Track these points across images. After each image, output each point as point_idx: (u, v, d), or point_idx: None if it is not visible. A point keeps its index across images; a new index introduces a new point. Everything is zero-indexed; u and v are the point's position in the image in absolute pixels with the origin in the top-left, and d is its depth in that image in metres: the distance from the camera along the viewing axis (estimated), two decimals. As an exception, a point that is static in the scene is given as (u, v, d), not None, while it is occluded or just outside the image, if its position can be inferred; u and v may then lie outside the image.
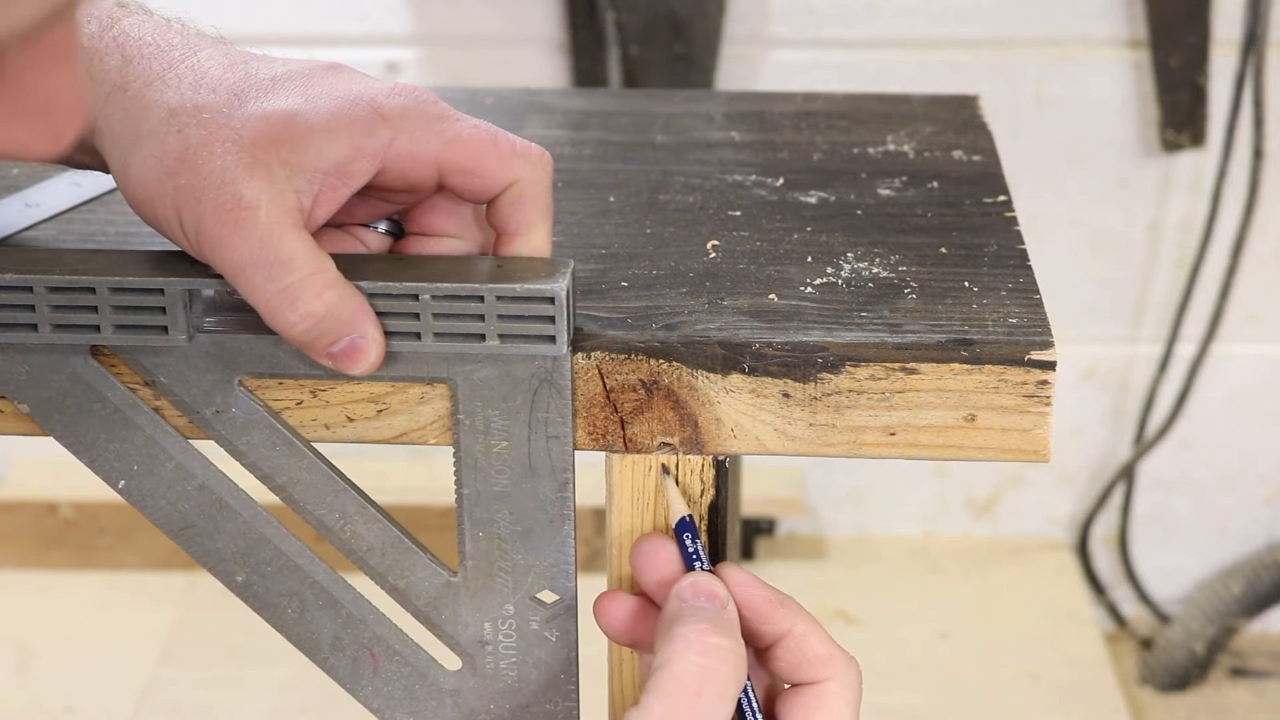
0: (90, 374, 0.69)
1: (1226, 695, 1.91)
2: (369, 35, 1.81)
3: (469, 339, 0.66)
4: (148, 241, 0.77)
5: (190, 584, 1.93)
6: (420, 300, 0.66)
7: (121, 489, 0.71)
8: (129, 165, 0.66)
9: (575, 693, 0.72)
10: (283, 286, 0.63)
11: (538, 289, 0.65)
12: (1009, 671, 1.83)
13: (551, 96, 1.02)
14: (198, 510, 0.71)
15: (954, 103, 0.99)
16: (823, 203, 0.83)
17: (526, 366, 0.67)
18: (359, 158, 0.65)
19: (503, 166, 0.67)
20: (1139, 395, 1.93)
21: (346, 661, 0.72)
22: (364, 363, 0.66)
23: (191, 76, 0.66)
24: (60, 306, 0.67)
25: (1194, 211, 1.85)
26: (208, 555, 0.72)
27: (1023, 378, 0.67)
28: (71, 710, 1.75)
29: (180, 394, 0.69)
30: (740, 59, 1.80)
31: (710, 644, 0.62)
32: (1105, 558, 2.02)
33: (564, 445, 0.68)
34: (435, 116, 0.67)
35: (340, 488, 0.70)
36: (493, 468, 0.69)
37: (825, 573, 1.98)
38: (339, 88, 0.67)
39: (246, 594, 0.72)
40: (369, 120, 0.65)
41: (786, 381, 0.68)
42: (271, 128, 0.64)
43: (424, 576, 0.71)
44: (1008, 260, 0.76)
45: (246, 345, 0.68)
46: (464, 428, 0.68)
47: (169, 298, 0.66)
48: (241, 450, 0.70)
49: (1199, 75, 1.76)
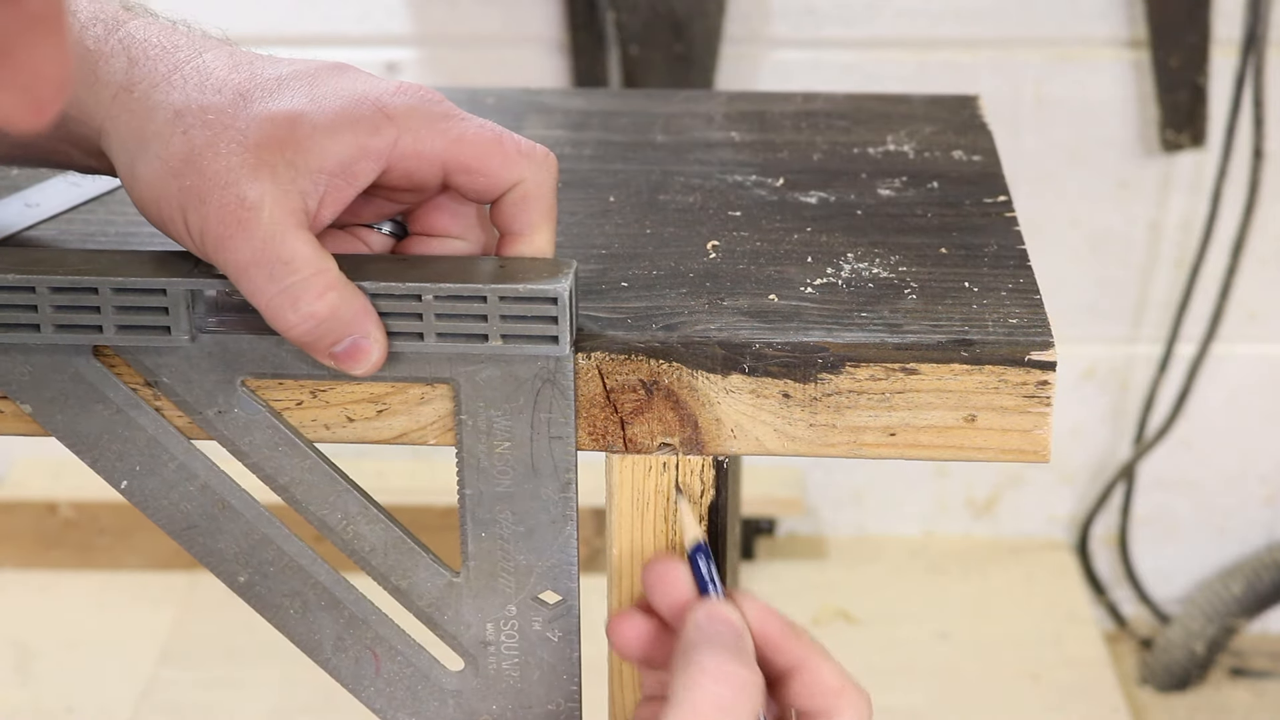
0: (92, 374, 0.69)
1: (1226, 695, 1.91)
2: (369, 35, 1.81)
3: (472, 339, 0.66)
4: (148, 241, 0.77)
5: (190, 584, 1.93)
6: (423, 300, 0.66)
7: (124, 489, 0.71)
8: (135, 167, 0.66)
9: (578, 693, 0.72)
10: (284, 287, 0.63)
11: (541, 289, 0.65)
12: (1009, 671, 1.83)
13: (551, 96, 1.02)
14: (200, 511, 0.71)
15: (954, 103, 0.99)
16: (823, 203, 0.83)
17: (529, 367, 0.67)
18: (364, 157, 0.65)
19: (507, 166, 0.67)
20: (1139, 395, 1.93)
21: (349, 662, 0.72)
22: (366, 363, 0.66)
23: (197, 78, 0.66)
24: (63, 307, 0.67)
25: (1194, 211, 1.85)
26: (210, 556, 0.72)
27: (1023, 378, 0.67)
28: (71, 710, 1.75)
29: (183, 394, 0.69)
30: (740, 59, 1.80)
31: (728, 673, 0.62)
32: (1105, 558, 2.02)
33: (567, 445, 0.68)
34: (440, 115, 0.67)
35: (343, 488, 0.70)
36: (495, 468, 0.69)
37: (825, 573, 1.98)
38: (344, 87, 0.67)
39: (249, 594, 0.72)
40: (374, 120, 0.65)
41: (787, 382, 0.68)
42: (276, 129, 0.64)
43: (426, 577, 0.71)
44: (1008, 260, 0.76)
45: (249, 345, 0.68)
46: (466, 428, 0.68)
47: (172, 298, 0.66)
48: (244, 450, 0.70)
49: (1199, 75, 1.76)
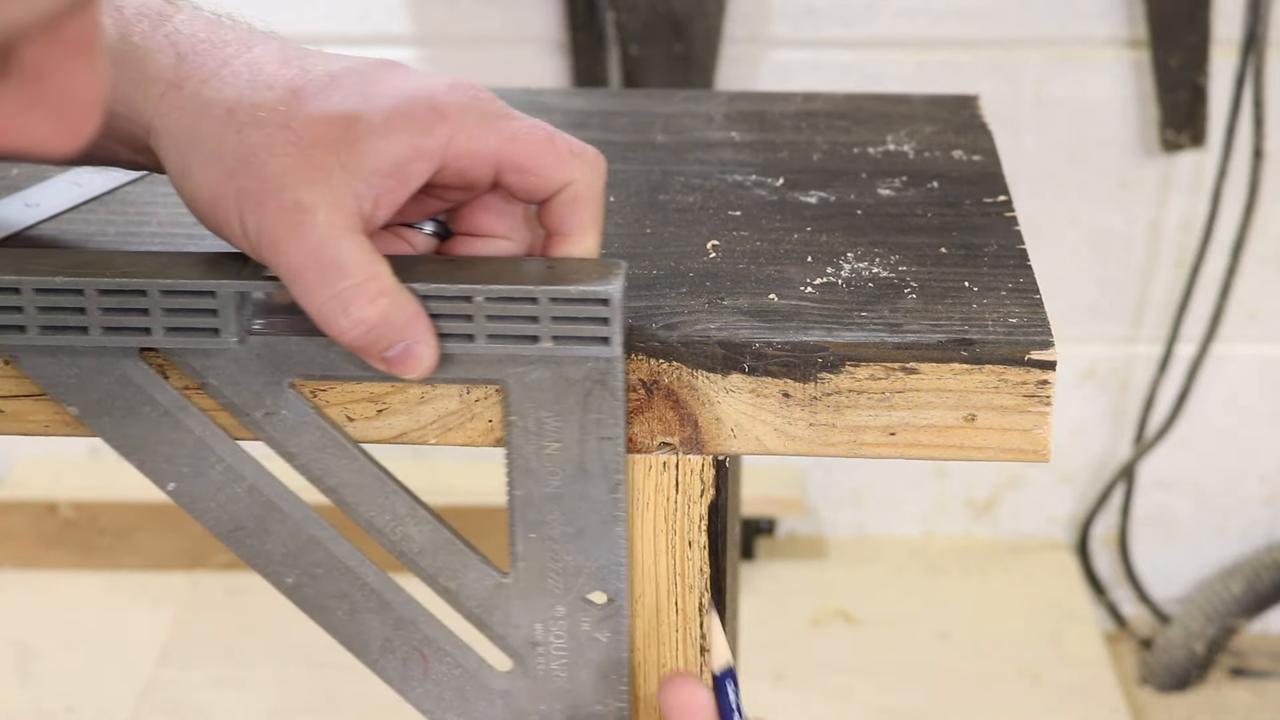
0: (140, 376, 0.68)
1: (1226, 695, 1.91)
2: (369, 35, 1.81)
3: (522, 341, 0.66)
4: (148, 242, 0.77)
5: (190, 584, 1.93)
6: (474, 302, 0.65)
7: (171, 491, 0.70)
8: (188, 167, 0.65)
9: (626, 693, 0.71)
10: (336, 292, 0.63)
11: (593, 290, 0.65)
12: (1009, 671, 1.83)
13: (551, 96, 1.02)
14: (247, 512, 0.70)
15: (954, 103, 0.99)
16: (823, 203, 0.83)
17: (579, 368, 0.67)
18: (418, 158, 0.65)
19: (560, 166, 0.67)
20: (1139, 395, 1.93)
21: (397, 663, 0.72)
22: (419, 368, 0.65)
23: (248, 73, 0.66)
24: (111, 309, 0.66)
25: (1194, 211, 1.85)
26: (257, 558, 0.71)
27: (1023, 378, 0.67)
28: (71, 710, 1.75)
29: (230, 396, 0.69)
30: (740, 59, 1.80)
31: None
32: (1105, 558, 2.02)
33: (616, 446, 0.68)
34: (493, 114, 0.66)
35: (391, 489, 0.70)
36: (544, 469, 0.68)
37: (825, 573, 1.98)
38: (396, 85, 0.66)
39: (296, 596, 0.72)
40: (428, 119, 0.65)
41: (786, 381, 0.68)
42: (331, 129, 0.64)
43: (475, 578, 0.71)
44: (1008, 260, 0.76)
45: (297, 347, 0.68)
46: (516, 429, 0.68)
47: (221, 300, 0.66)
48: (292, 452, 0.69)
49: (1199, 75, 1.76)
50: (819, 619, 1.90)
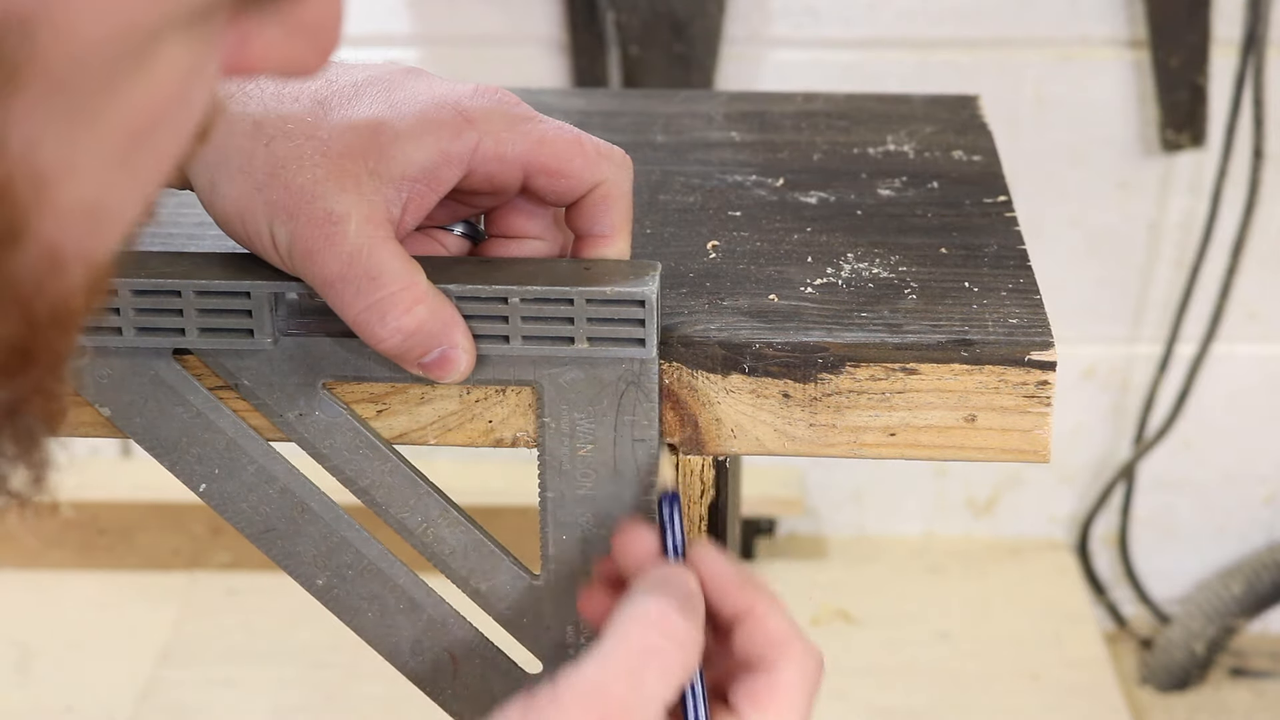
0: (172, 377, 0.68)
1: (1226, 695, 1.91)
2: (369, 35, 1.81)
3: (557, 342, 0.66)
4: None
5: (190, 584, 1.93)
6: (509, 304, 0.65)
7: (203, 492, 0.70)
8: (216, 182, 0.65)
9: None
10: (371, 302, 0.63)
11: (629, 292, 0.65)
12: (1009, 671, 1.83)
13: (551, 96, 1.02)
14: (279, 514, 0.70)
15: (954, 103, 0.99)
16: (823, 203, 0.83)
17: (614, 369, 0.67)
18: (446, 163, 0.65)
19: (589, 168, 0.67)
20: (1139, 395, 1.93)
21: (427, 665, 0.72)
22: (455, 373, 0.65)
23: (272, 85, 0.66)
24: (145, 310, 0.66)
25: (1194, 211, 1.85)
26: (289, 559, 0.71)
27: (1023, 378, 0.67)
28: (71, 710, 1.75)
29: (263, 397, 0.68)
30: (740, 59, 1.80)
31: (671, 623, 0.59)
32: (1105, 558, 2.02)
33: (650, 448, 0.68)
34: (520, 118, 0.67)
35: (423, 491, 0.70)
36: (577, 471, 0.68)
37: (825, 573, 1.98)
38: (421, 91, 0.66)
39: (327, 597, 0.72)
40: (454, 124, 0.65)
41: (786, 382, 0.68)
42: (358, 137, 0.64)
43: (506, 580, 0.70)
44: (1008, 260, 0.76)
45: (330, 349, 0.68)
46: (549, 431, 0.68)
47: (255, 301, 0.66)
48: (324, 454, 0.69)
49: (1199, 75, 1.76)
50: (819, 619, 1.90)
